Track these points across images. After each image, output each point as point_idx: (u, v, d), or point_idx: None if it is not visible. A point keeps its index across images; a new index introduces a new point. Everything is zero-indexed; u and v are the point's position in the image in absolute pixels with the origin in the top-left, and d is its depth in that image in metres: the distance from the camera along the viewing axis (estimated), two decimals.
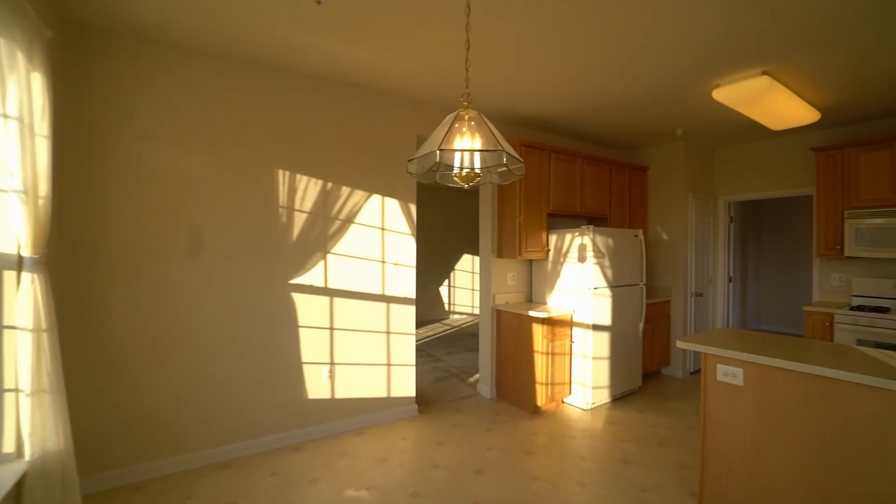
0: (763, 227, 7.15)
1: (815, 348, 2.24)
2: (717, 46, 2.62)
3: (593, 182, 4.39)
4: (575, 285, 3.85)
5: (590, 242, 3.74)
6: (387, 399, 3.48)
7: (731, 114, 3.69)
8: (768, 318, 7.05)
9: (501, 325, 4.01)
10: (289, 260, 3.05)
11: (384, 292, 3.45)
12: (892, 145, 3.57)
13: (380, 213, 3.44)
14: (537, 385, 3.64)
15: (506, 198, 3.95)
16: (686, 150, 4.71)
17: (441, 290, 8.55)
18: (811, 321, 3.80)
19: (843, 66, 2.85)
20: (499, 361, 4.05)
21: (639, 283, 4.22)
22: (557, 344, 3.76)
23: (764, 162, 4.69)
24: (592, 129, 4.36)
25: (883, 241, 3.56)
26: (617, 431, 3.35)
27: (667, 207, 4.84)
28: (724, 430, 2.29)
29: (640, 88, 3.26)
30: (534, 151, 3.92)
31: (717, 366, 2.32)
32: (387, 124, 3.47)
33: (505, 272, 4.14)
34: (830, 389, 1.93)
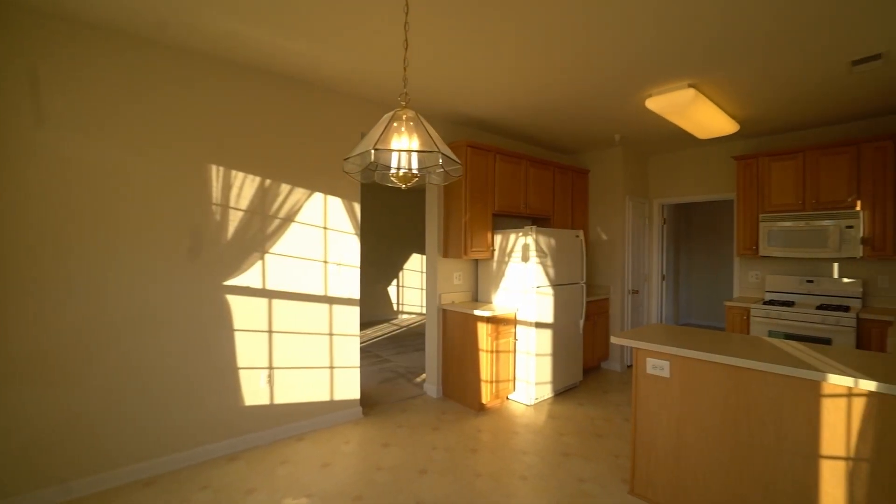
0: (693, 228, 7.68)
1: (732, 341, 2.43)
2: (648, 59, 2.77)
3: (537, 184, 4.51)
4: (519, 284, 3.94)
5: (533, 242, 3.84)
6: (330, 402, 3.40)
7: (663, 122, 3.93)
8: (698, 313, 7.59)
9: (447, 324, 4.03)
10: (223, 260, 2.89)
11: (327, 293, 3.36)
12: (797, 157, 3.95)
13: (322, 212, 3.34)
14: (482, 383, 3.69)
15: (452, 198, 3.97)
16: (624, 154, 4.96)
17: (389, 290, 8.47)
18: (731, 315, 4.13)
19: (756, 84, 3.11)
20: (445, 360, 4.07)
21: (579, 282, 4.39)
22: (502, 342, 3.83)
23: (693, 168, 5.03)
24: (537, 132, 4.48)
25: (790, 243, 3.93)
26: (558, 425, 3.47)
27: (606, 209, 5.07)
28: (653, 419, 2.44)
29: (580, 95, 3.39)
30: (479, 153, 3.97)
31: (647, 359, 2.46)
32: (330, 121, 3.37)
33: (451, 272, 4.16)
34: (741, 377, 2.10)
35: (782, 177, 4.02)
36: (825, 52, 2.67)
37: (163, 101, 2.66)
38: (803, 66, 2.86)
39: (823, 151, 3.81)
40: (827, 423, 1.88)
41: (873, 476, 1.77)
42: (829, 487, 1.87)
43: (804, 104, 3.53)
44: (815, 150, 3.85)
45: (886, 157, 3.52)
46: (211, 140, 2.83)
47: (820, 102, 3.49)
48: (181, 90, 2.72)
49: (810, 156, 3.87)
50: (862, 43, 2.56)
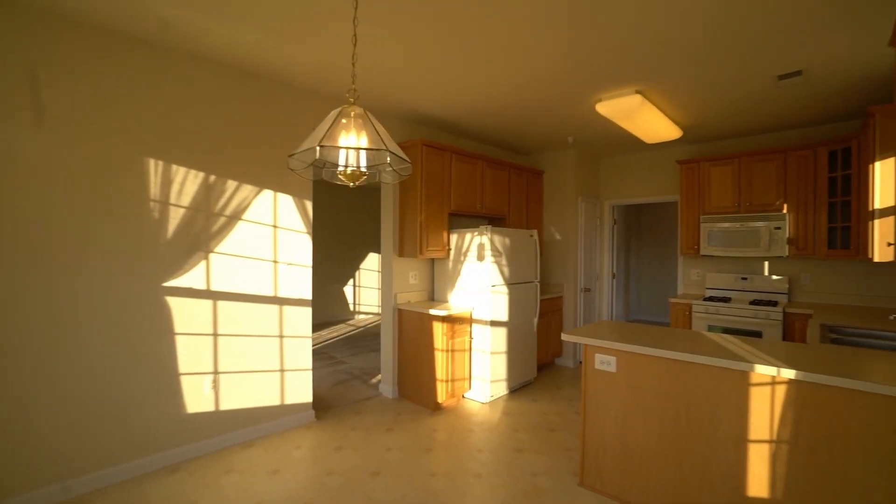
0: (642, 228, 8.05)
1: (673, 336, 2.55)
2: (598, 65, 2.86)
3: (493, 184, 4.57)
4: (475, 283, 3.97)
5: (488, 242, 3.88)
6: (280, 407, 3.28)
7: (613, 126, 4.08)
8: (647, 309, 7.96)
9: (403, 324, 4.00)
10: (163, 260, 2.72)
11: (277, 294, 3.24)
12: (733, 162, 4.22)
13: (272, 210, 3.22)
14: (438, 382, 3.69)
15: (408, 197, 3.94)
16: (576, 156, 5.11)
17: (346, 290, 8.32)
18: (675, 311, 4.36)
19: (696, 93, 3.29)
20: (400, 361, 4.04)
21: (534, 280, 4.48)
22: (458, 341, 3.85)
23: (641, 171, 5.27)
24: (493, 133, 4.53)
25: (727, 242, 4.19)
26: (512, 422, 3.53)
27: (560, 209, 5.21)
28: (602, 412, 2.52)
29: (535, 98, 3.46)
30: (436, 152, 3.96)
31: (595, 355, 2.54)
32: (282, 117, 3.26)
33: (407, 271, 4.13)
34: (681, 370, 2.21)
35: (720, 181, 4.29)
36: (755, 67, 2.86)
37: (93, 89, 2.47)
38: (736, 79, 3.05)
39: (756, 158, 4.09)
40: (754, 409, 2.01)
41: (791, 455, 1.92)
42: (755, 468, 2.01)
43: (738, 113, 3.78)
44: (748, 156, 4.13)
45: (808, 164, 3.83)
46: (150, 133, 2.66)
47: (752, 112, 3.74)
48: (115, 78, 2.53)
49: (745, 162, 4.14)
50: (785, 60, 2.77)
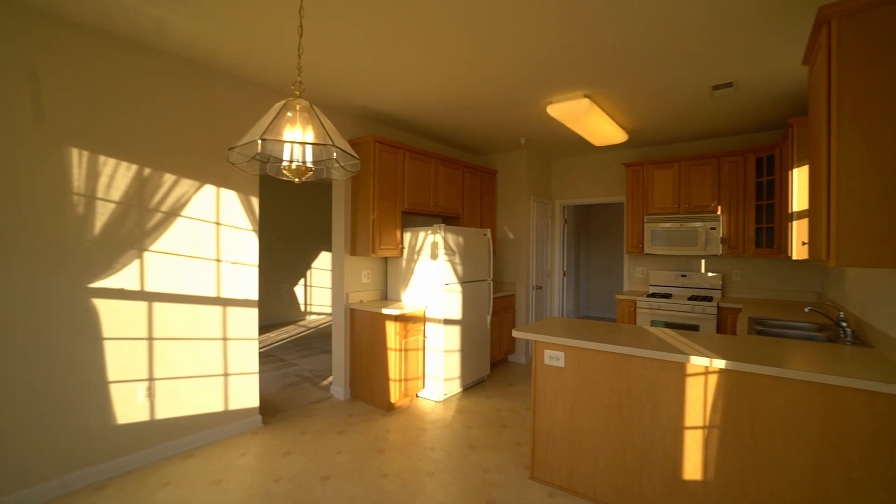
0: (591, 228, 8.36)
1: (618, 331, 2.66)
2: (548, 69, 2.94)
3: (447, 182, 4.57)
4: (428, 282, 3.96)
5: (442, 240, 3.88)
6: (224, 413, 3.12)
7: (563, 128, 4.20)
8: (595, 306, 8.28)
9: (355, 324, 3.92)
10: (89, 259, 2.50)
11: (220, 294, 3.07)
12: (674, 166, 4.47)
13: (214, 206, 3.05)
14: (391, 382, 3.65)
15: (360, 194, 3.87)
16: (529, 157, 5.22)
17: (296, 290, 8.06)
18: (621, 307, 4.56)
19: (639, 99, 3.45)
20: (353, 361, 3.96)
21: (487, 279, 4.54)
22: (411, 340, 3.83)
23: (590, 172, 5.46)
24: (447, 132, 4.53)
25: (669, 242, 4.44)
26: (466, 419, 3.55)
27: (512, 209, 5.31)
28: (551, 407, 2.59)
29: (488, 99, 3.49)
30: (388, 149, 3.91)
31: (545, 351, 2.60)
32: (226, 109, 3.09)
33: (359, 270, 4.06)
34: (624, 363, 2.31)
35: (662, 183, 4.53)
36: (692, 78, 3.04)
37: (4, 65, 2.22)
38: (676, 88, 3.23)
39: (693, 162, 4.36)
40: (690, 398, 2.14)
41: (721, 439, 2.06)
42: (690, 453, 2.14)
43: (679, 120, 4.00)
44: (687, 160, 4.39)
45: (739, 170, 4.12)
46: (73, 121, 2.43)
47: (690, 119, 3.97)
48: (28, 57, 2.29)
49: (684, 166, 4.40)
50: (719, 72, 2.96)
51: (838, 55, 1.77)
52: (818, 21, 1.87)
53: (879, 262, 1.73)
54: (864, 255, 1.75)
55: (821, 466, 1.84)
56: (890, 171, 1.70)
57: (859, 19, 1.74)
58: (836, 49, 1.77)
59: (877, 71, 1.71)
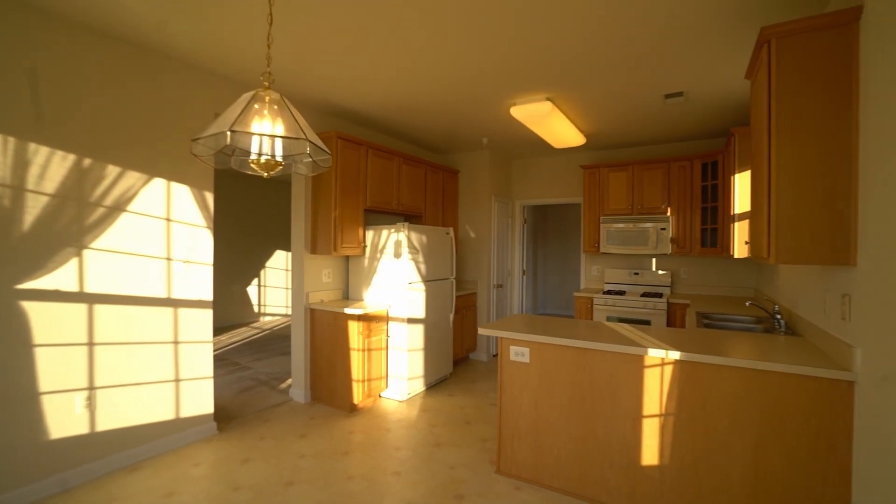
0: (549, 228, 8.60)
1: (579, 326, 2.76)
2: (513, 73, 3.01)
3: (410, 181, 4.55)
4: (391, 281, 3.93)
5: (405, 239, 3.86)
6: (175, 421, 2.93)
7: (524, 129, 4.29)
8: (553, 303, 8.53)
9: (316, 324, 3.82)
10: (16, 257, 2.27)
11: (170, 295, 2.89)
12: (628, 169, 4.70)
13: (165, 201, 2.86)
14: (354, 383, 3.59)
15: (321, 191, 3.77)
16: (490, 157, 5.30)
17: (250, 291, 7.72)
18: (579, 304, 4.73)
19: (598, 105, 3.59)
20: (313, 363, 3.85)
21: (450, 277, 4.56)
22: (374, 339, 3.78)
23: (549, 173, 5.62)
24: (411, 130, 4.51)
25: (623, 241, 4.66)
26: (430, 417, 3.55)
27: (474, 208, 5.36)
28: (516, 402, 2.64)
29: (454, 99, 3.51)
30: (351, 146, 3.84)
31: (510, 347, 2.65)
32: (180, 98, 2.91)
33: (320, 269, 3.95)
34: (586, 357, 2.40)
35: (617, 185, 4.75)
36: (646, 86, 3.21)
37: None
38: (632, 95, 3.40)
39: (646, 166, 4.60)
40: (647, 388, 2.25)
41: (676, 425, 2.19)
42: (647, 440, 2.26)
43: (633, 125, 4.20)
44: (640, 164, 4.63)
45: (686, 174, 4.40)
46: None
47: (643, 125, 4.19)
48: None
49: (637, 169, 4.63)
50: (671, 81, 3.15)
51: (776, 72, 1.93)
52: (760, 40, 2.03)
53: (811, 258, 1.90)
54: (799, 252, 1.92)
55: (761, 445, 2.00)
56: (818, 178, 1.88)
57: (793, 42, 1.91)
58: (775, 66, 1.94)
59: (807, 87, 1.89)
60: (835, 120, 1.85)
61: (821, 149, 1.88)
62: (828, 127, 1.87)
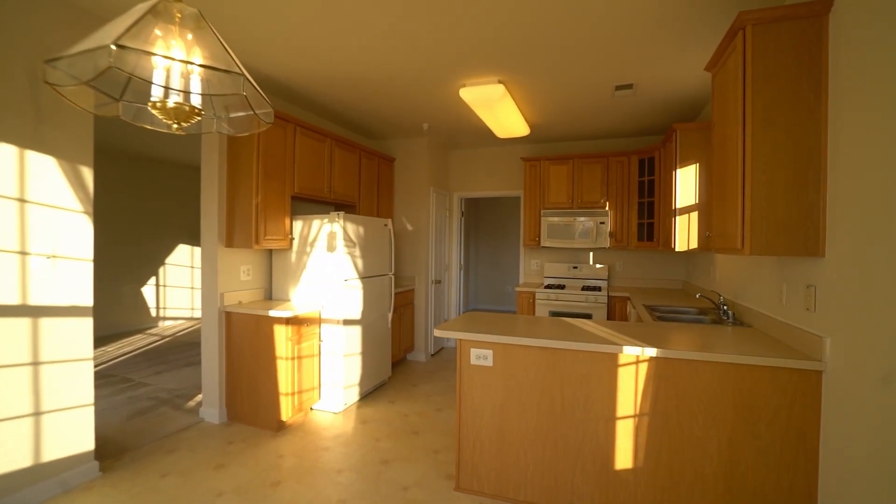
0: (480, 221, 8.50)
1: (547, 324, 2.56)
2: (465, 50, 2.75)
3: (343, 166, 4.09)
4: (324, 277, 3.46)
5: (340, 230, 3.42)
6: (33, 469, 2.22)
7: (469, 115, 4.05)
8: (484, 298, 8.46)
9: (233, 330, 3.23)
10: None
11: (27, 301, 2.18)
12: (568, 162, 4.67)
13: (15, 175, 2.14)
14: (282, 396, 3.08)
15: (240, 173, 3.19)
16: (429, 145, 4.99)
17: (145, 291, 6.62)
18: (521, 299, 4.62)
19: (547, 93, 3.45)
20: (231, 375, 3.26)
21: (388, 273, 4.19)
22: (305, 345, 3.29)
23: (488, 165, 5.45)
24: (345, 110, 4.04)
25: (563, 235, 4.63)
26: (372, 430, 3.17)
27: (412, 199, 5.02)
28: (478, 409, 2.38)
29: (400, 75, 3.13)
30: (277, 122, 3.29)
31: (471, 350, 2.38)
32: (26, 20, 2.19)
33: (237, 265, 3.36)
34: (557, 358, 2.21)
35: (558, 178, 4.70)
36: (599, 75, 3.11)
37: None
38: (584, 83, 3.29)
39: (585, 160, 4.60)
40: (621, 389, 2.11)
41: (650, 426, 2.08)
42: (621, 442, 2.12)
43: (578, 118, 4.14)
44: (580, 158, 4.62)
45: (624, 169, 4.47)
46: None
47: (589, 118, 4.14)
48: None
49: (577, 163, 4.62)
50: (623, 72, 3.09)
51: (752, 60, 1.88)
52: (734, 27, 1.96)
53: (784, 250, 1.88)
54: (774, 244, 1.88)
55: (735, 440, 1.96)
56: (791, 169, 1.86)
57: (769, 29, 1.86)
58: (751, 54, 1.88)
59: (780, 75, 1.86)
60: (806, 110, 1.84)
61: (793, 139, 1.86)
62: (799, 117, 1.85)
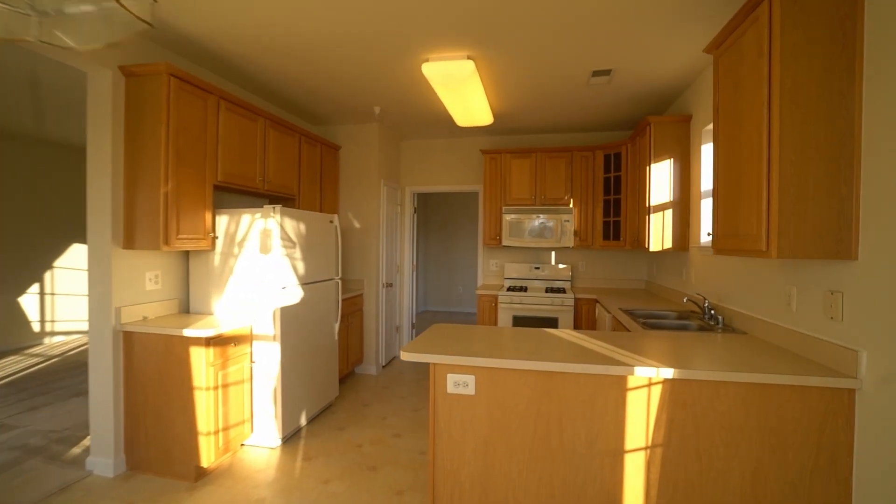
0: (431, 217, 8.06)
1: (538, 340, 2.18)
2: (430, 16, 2.32)
3: (279, 152, 3.47)
4: (257, 285, 2.85)
5: (277, 227, 2.83)
6: None
7: (428, 98, 3.59)
8: (435, 299, 8.03)
9: (135, 354, 2.53)
10: None
11: None
12: (531, 156, 4.37)
13: None
14: (201, 437, 2.44)
15: (142, 154, 2.49)
16: (380, 133, 4.46)
17: (24, 301, 5.42)
18: (482, 303, 4.25)
19: (519, 75, 3.08)
20: (131, 412, 2.55)
21: (334, 278, 3.63)
22: (232, 370, 2.67)
23: (444, 158, 5.02)
24: (283, 85, 3.41)
25: (525, 233, 4.32)
26: (319, 469, 2.62)
27: (360, 193, 4.47)
28: (457, 448, 1.94)
29: (352, 37, 2.60)
30: (194, 92, 2.64)
31: (448, 376, 1.94)
32: None
33: (141, 271, 2.65)
34: (554, 382, 1.84)
35: (520, 173, 4.38)
36: (578, 55, 2.80)
37: None
38: (559, 65, 2.96)
39: (549, 154, 4.33)
40: (631, 416, 1.79)
41: (664, 459, 1.77)
42: (631, 480, 1.80)
43: (546, 107, 3.82)
44: (543, 152, 4.34)
45: (589, 164, 4.26)
46: None
47: (558, 107, 3.82)
48: None
49: (540, 157, 4.34)
50: (602, 55, 2.81)
51: (781, 33, 1.62)
52: None
53: (814, 252, 1.64)
54: (802, 245, 1.65)
55: (760, 472, 1.70)
56: (821, 159, 1.63)
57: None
58: (779, 26, 1.62)
59: (809, 52, 1.62)
60: (838, 93, 1.61)
61: (824, 126, 1.63)
62: (830, 100, 1.62)
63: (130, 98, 2.50)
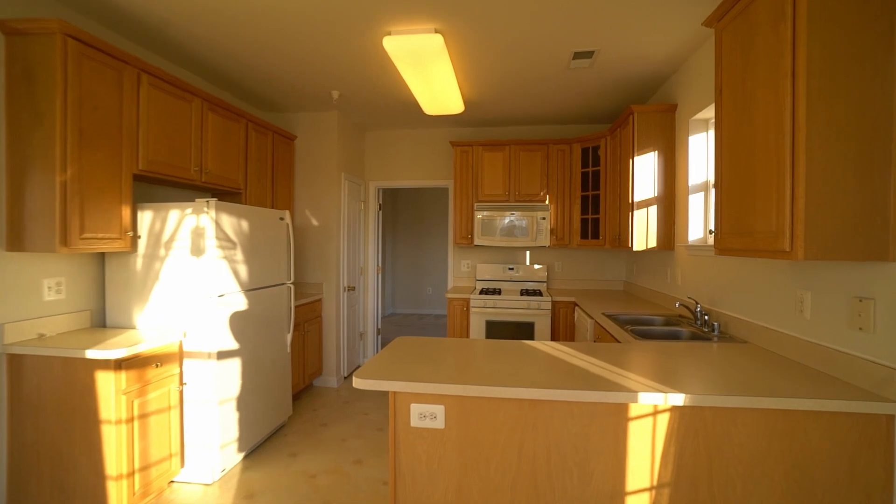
0: (398, 214, 7.65)
1: (510, 355, 1.86)
2: None
3: (221, 140, 3.01)
4: (187, 292, 2.41)
5: (211, 224, 2.40)
6: None
7: (392, 81, 3.22)
8: (402, 301, 7.64)
9: (25, 382, 2.05)
10: None
11: None
12: (504, 149, 4.07)
13: None
14: (109, 481, 1.99)
15: (30, 133, 2.00)
16: (340, 122, 4.04)
17: None
18: (452, 307, 3.91)
19: (491, 53, 2.75)
20: (18, 453, 2.06)
21: (286, 282, 3.20)
22: (154, 397, 2.22)
23: (411, 150, 4.65)
24: (225, 62, 2.95)
25: (500, 232, 4.01)
26: None
27: (318, 188, 4.04)
28: (423, 491, 1.60)
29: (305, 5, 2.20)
30: (104, 60, 2.17)
31: (411, 406, 1.58)
32: None
33: (36, 278, 2.16)
34: (537, 411, 1.52)
35: (493, 168, 4.07)
36: (559, 32, 2.50)
37: None
38: (538, 44, 2.65)
39: (524, 147, 4.03)
40: (633, 451, 1.49)
41: (673, 499, 1.48)
42: None
43: (522, 96, 3.51)
44: (517, 144, 4.04)
45: (566, 158, 3.99)
46: None
47: (534, 96, 3.53)
48: None
49: (514, 150, 4.04)
50: (585, 34, 2.53)
51: None
52: None
53: (844, 253, 1.39)
54: (832, 245, 1.39)
55: None
56: (857, 143, 1.37)
57: None
58: None
59: (843, 19, 1.36)
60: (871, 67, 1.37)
61: (854, 105, 1.38)
62: (862, 76, 1.37)
63: (14, 62, 2.01)
